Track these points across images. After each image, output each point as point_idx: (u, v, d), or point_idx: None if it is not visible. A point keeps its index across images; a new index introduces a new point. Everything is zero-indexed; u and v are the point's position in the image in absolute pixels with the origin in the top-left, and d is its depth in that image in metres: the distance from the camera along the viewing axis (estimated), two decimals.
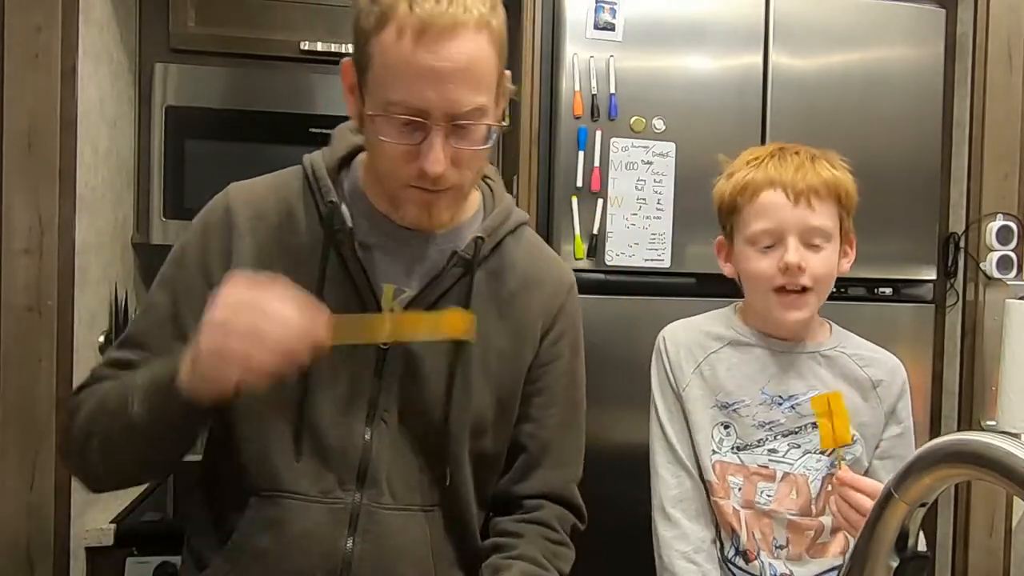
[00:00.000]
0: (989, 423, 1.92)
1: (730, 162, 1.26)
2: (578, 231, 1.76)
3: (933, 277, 1.95)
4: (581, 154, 1.75)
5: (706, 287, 1.77)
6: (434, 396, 1.00)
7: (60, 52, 1.53)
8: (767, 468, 1.20)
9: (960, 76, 2.01)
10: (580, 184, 1.76)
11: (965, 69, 2.00)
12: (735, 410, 1.22)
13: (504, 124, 0.97)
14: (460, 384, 1.00)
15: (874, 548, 0.61)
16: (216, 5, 1.99)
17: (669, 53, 1.80)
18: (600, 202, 1.76)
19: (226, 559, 0.98)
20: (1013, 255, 1.94)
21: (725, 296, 1.35)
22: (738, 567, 1.21)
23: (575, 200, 1.76)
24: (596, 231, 1.76)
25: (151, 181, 1.92)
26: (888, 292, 1.92)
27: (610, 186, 1.76)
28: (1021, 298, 1.89)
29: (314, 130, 1.90)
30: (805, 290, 1.17)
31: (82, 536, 1.60)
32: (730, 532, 1.21)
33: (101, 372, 0.99)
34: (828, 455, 1.20)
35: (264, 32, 2.00)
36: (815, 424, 1.20)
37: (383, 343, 0.97)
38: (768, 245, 1.18)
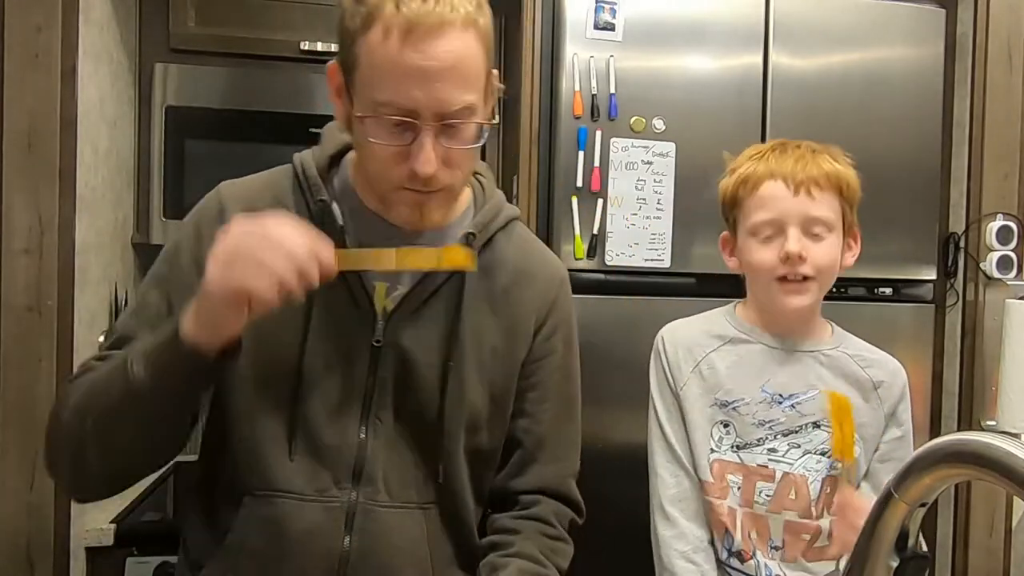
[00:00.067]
0: (989, 423, 1.92)
1: (734, 158, 1.27)
2: (578, 231, 1.76)
3: (933, 277, 1.96)
4: (581, 154, 1.75)
5: (706, 287, 1.77)
6: (428, 393, 0.99)
7: (60, 52, 1.53)
8: (766, 468, 1.20)
9: (960, 76, 2.01)
10: (580, 184, 1.76)
11: (965, 69, 2.00)
12: (735, 408, 1.22)
13: (494, 122, 0.97)
14: (454, 381, 1.00)
15: (874, 548, 0.61)
16: (216, 5, 1.99)
17: (669, 53, 1.80)
18: (600, 202, 1.76)
19: (222, 560, 0.98)
20: (1013, 255, 1.94)
21: (725, 296, 1.35)
22: (733, 568, 1.21)
23: (575, 200, 1.76)
24: (596, 231, 1.76)
25: (151, 181, 1.92)
26: (888, 292, 1.92)
27: (610, 186, 1.76)
28: (1021, 298, 1.89)
29: (314, 130, 1.86)
30: (807, 279, 1.18)
31: (82, 536, 1.60)
32: (723, 533, 1.21)
33: (90, 364, 0.96)
34: (829, 458, 1.20)
35: (264, 32, 2.00)
36: (816, 424, 1.20)
37: (388, 270, 0.96)
38: (769, 235, 1.19)
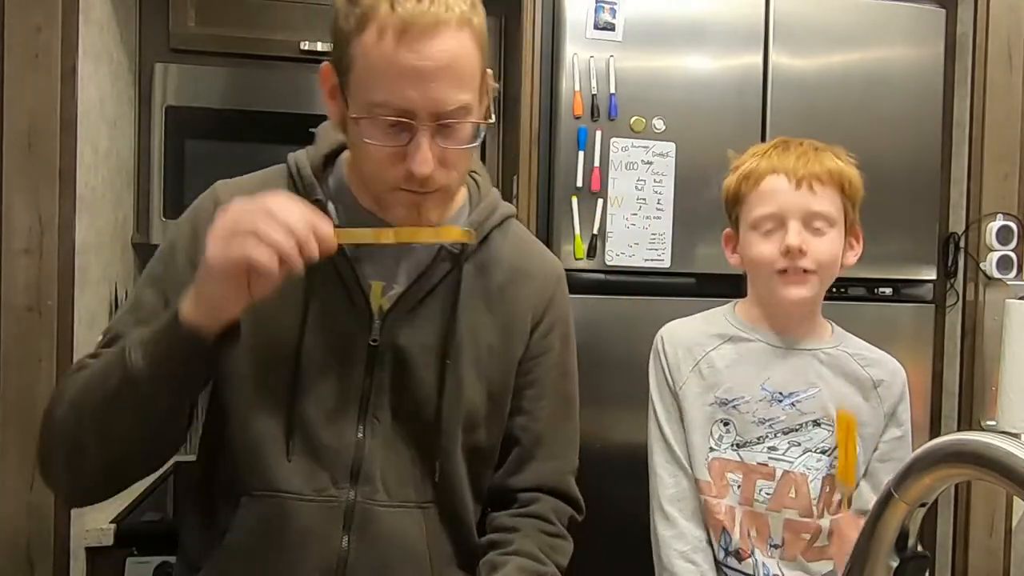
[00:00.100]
0: (989, 423, 1.92)
1: (738, 156, 1.27)
2: (578, 231, 1.76)
3: (933, 277, 1.96)
4: (581, 154, 1.75)
5: (706, 287, 1.77)
6: (426, 392, 0.99)
7: (60, 52, 1.53)
8: (766, 466, 1.20)
9: (960, 76, 2.01)
10: (580, 184, 1.76)
11: (965, 69, 2.00)
12: (735, 406, 1.22)
13: (490, 121, 0.97)
14: (451, 379, 0.99)
15: (874, 548, 0.61)
16: (216, 5, 1.99)
17: (669, 53, 1.80)
18: (600, 202, 1.76)
19: (220, 560, 0.97)
20: (1013, 255, 1.94)
21: (725, 296, 1.35)
22: (731, 567, 1.21)
23: (575, 200, 1.76)
24: (596, 231, 1.76)
25: (151, 181, 1.92)
26: (888, 292, 1.92)
27: (610, 186, 1.76)
28: (1021, 298, 1.89)
29: (314, 130, 1.89)
30: (807, 273, 1.18)
31: (82, 536, 1.60)
32: (719, 532, 1.21)
33: (84, 362, 0.95)
34: (829, 456, 1.20)
35: (264, 32, 2.00)
36: (816, 422, 1.20)
37: (384, 243, 0.94)
38: (770, 228, 1.19)
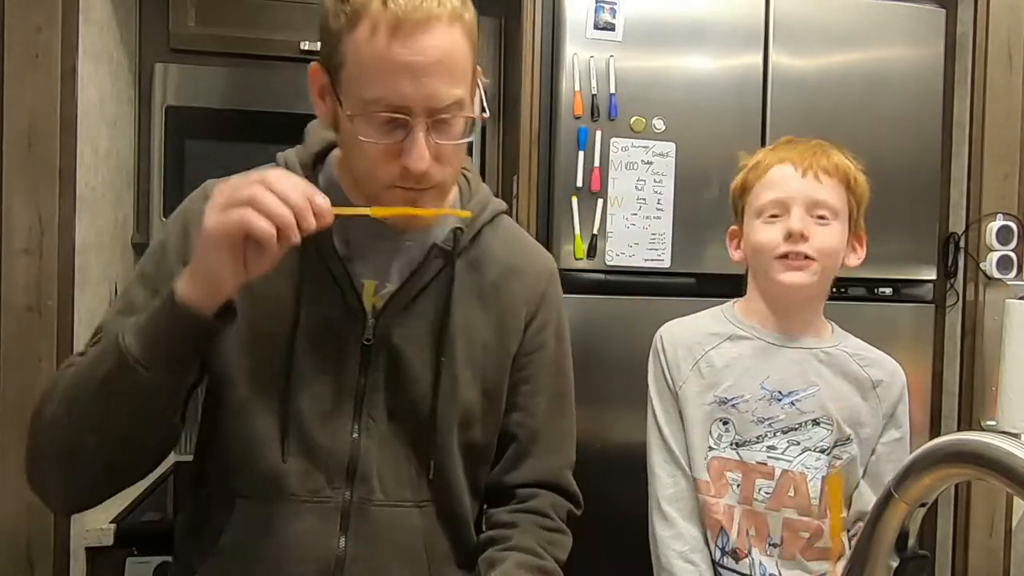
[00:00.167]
0: (989, 423, 1.92)
1: (748, 157, 1.29)
2: (578, 231, 1.76)
3: (933, 277, 1.96)
4: (581, 154, 1.75)
5: (706, 287, 1.77)
6: (421, 391, 0.99)
7: (60, 52, 1.53)
8: (766, 465, 1.20)
9: (960, 76, 2.01)
10: (580, 184, 1.76)
11: (965, 69, 2.00)
12: (734, 405, 1.22)
13: (485, 115, 0.96)
14: (446, 377, 0.99)
15: (874, 548, 0.61)
16: (216, 5, 1.99)
17: (669, 53, 1.80)
18: (600, 202, 1.76)
19: (215, 562, 0.97)
20: (1013, 255, 1.94)
21: (725, 296, 1.35)
22: (727, 568, 1.21)
23: (575, 200, 1.76)
24: (596, 231, 1.76)
25: (151, 181, 1.92)
26: (888, 292, 1.92)
27: (610, 186, 1.76)
28: (1021, 298, 1.89)
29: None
30: (808, 259, 1.18)
31: (82, 536, 1.60)
32: (717, 532, 1.21)
33: (73, 360, 0.93)
34: (828, 455, 1.20)
35: (264, 32, 2.00)
36: (815, 421, 1.20)
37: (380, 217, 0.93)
38: (775, 214, 1.20)
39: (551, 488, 1.08)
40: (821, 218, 1.19)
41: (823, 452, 1.20)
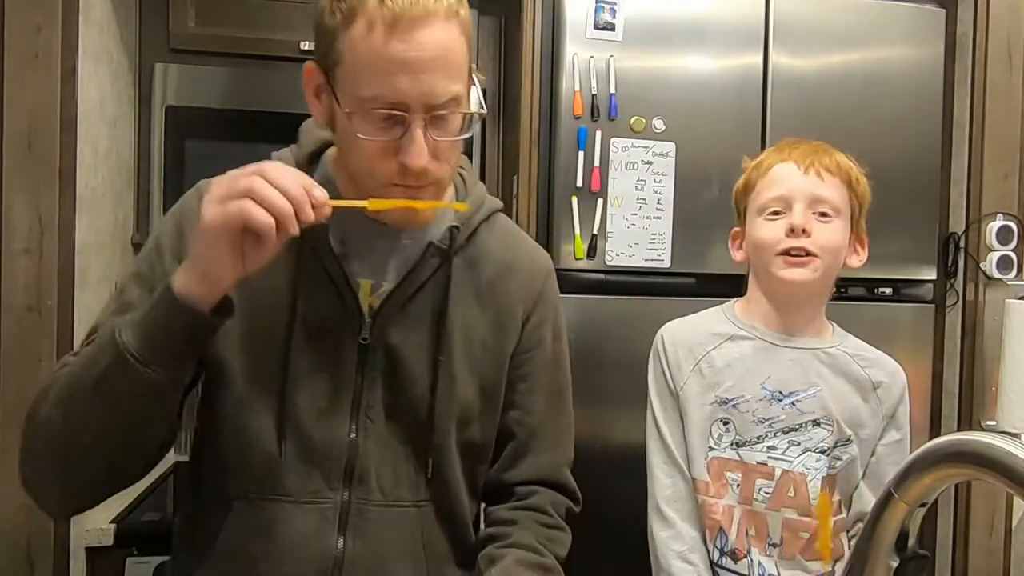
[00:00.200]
0: (989, 423, 1.92)
1: (751, 160, 1.30)
2: (578, 231, 1.76)
3: (933, 277, 1.96)
4: (581, 154, 1.75)
5: (706, 287, 1.77)
6: (418, 390, 0.99)
7: (60, 52, 1.53)
8: (766, 465, 1.20)
9: (960, 76, 2.01)
10: (580, 184, 1.76)
11: (965, 69, 2.00)
12: (734, 405, 1.22)
13: (482, 112, 0.96)
14: (444, 376, 0.99)
15: (874, 548, 0.61)
16: (216, 5, 1.99)
17: (669, 53, 1.80)
18: (600, 202, 1.76)
19: (214, 563, 0.97)
20: (1013, 255, 1.94)
21: (725, 296, 1.35)
22: (726, 568, 1.21)
23: (575, 200, 1.76)
24: (596, 231, 1.76)
25: (151, 181, 1.92)
26: (888, 292, 1.92)
27: (610, 186, 1.76)
28: (1021, 298, 1.89)
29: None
30: (809, 256, 1.18)
31: (82, 536, 1.60)
32: (716, 532, 1.21)
33: (67, 360, 0.92)
34: (828, 455, 1.20)
35: (264, 32, 2.00)
36: (815, 422, 1.20)
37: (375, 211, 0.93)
38: (777, 211, 1.21)
39: (550, 485, 1.08)
40: (823, 215, 1.19)
41: (823, 453, 1.20)
